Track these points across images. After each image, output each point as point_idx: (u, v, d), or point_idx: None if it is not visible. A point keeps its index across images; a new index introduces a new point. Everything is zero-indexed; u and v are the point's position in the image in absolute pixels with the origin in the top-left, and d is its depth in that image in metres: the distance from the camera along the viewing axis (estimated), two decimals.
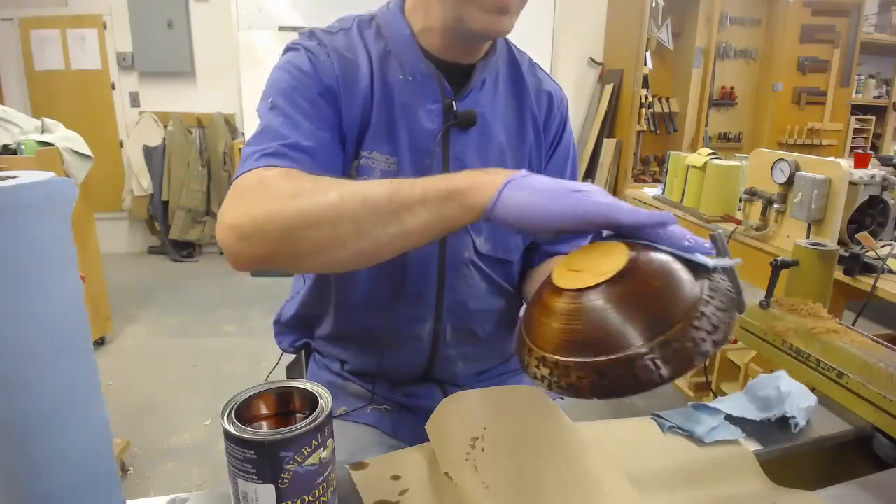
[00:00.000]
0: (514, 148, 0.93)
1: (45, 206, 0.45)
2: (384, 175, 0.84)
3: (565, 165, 1.02)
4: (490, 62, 0.90)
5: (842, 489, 0.65)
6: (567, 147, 1.02)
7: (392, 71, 0.86)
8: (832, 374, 0.74)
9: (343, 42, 0.86)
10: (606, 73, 4.88)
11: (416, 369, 0.96)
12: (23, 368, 0.45)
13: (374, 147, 0.85)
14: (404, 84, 0.85)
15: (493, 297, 0.97)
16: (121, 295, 3.46)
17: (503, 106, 0.93)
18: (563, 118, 1.01)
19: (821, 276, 0.96)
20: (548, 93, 0.98)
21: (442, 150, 0.87)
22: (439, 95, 0.86)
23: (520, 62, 0.97)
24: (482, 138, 0.90)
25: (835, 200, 1.56)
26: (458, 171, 0.77)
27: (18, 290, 0.44)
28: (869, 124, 5.46)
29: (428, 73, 0.86)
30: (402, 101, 0.85)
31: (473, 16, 0.78)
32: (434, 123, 0.86)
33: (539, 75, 0.99)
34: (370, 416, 0.95)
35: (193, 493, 0.62)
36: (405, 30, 0.86)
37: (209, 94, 4.39)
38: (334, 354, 1.00)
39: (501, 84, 0.93)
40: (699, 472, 0.64)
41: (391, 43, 0.86)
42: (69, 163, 2.57)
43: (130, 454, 2.08)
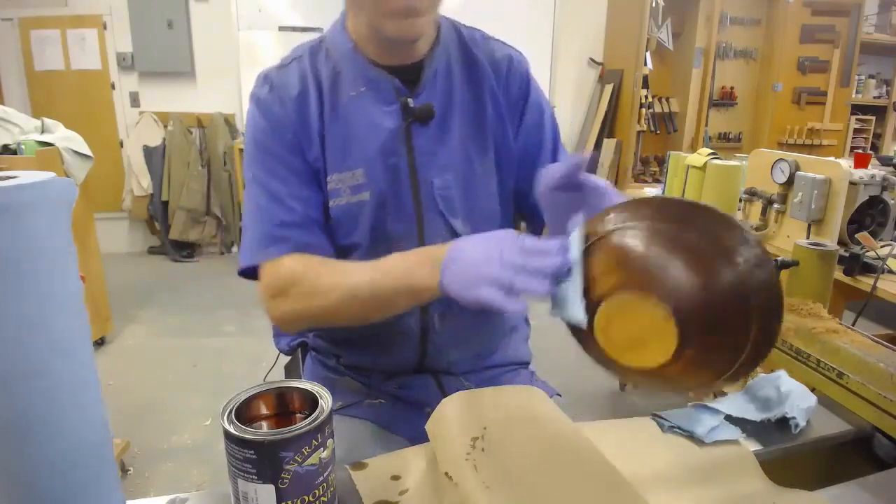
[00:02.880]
0: (472, 135, 0.94)
1: (46, 207, 0.45)
2: (354, 191, 0.88)
3: (542, 127, 0.99)
4: (437, 53, 0.92)
5: (842, 489, 0.65)
6: (538, 105, 0.99)
7: (343, 91, 0.89)
8: (832, 374, 0.74)
9: (295, 75, 0.90)
10: (606, 73, 4.88)
11: (409, 362, 0.97)
12: (23, 368, 0.45)
13: (336, 169, 0.89)
14: (358, 98, 0.89)
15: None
16: (121, 295, 3.46)
17: (460, 91, 0.94)
18: (524, 77, 0.99)
19: (821, 277, 0.96)
20: (501, 59, 0.97)
21: (406, 147, 0.89)
22: (394, 96, 0.89)
23: (469, 42, 0.97)
24: (443, 129, 0.92)
25: (835, 200, 1.56)
26: (424, 163, 0.89)
27: (18, 290, 0.44)
28: (869, 124, 5.46)
29: (378, 77, 0.89)
30: (358, 114, 0.89)
31: (385, 24, 0.80)
32: (394, 123, 0.89)
33: (491, 46, 0.98)
34: (366, 411, 0.96)
35: (193, 493, 0.62)
36: (348, 44, 0.90)
37: (209, 95, 4.38)
38: (330, 350, 1.02)
39: (455, 69, 0.94)
40: (699, 472, 0.64)
41: (340, 62, 0.90)
42: (69, 163, 2.57)
43: (130, 454, 2.08)
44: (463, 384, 1.00)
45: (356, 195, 0.89)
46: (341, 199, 0.89)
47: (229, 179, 4.39)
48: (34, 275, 0.44)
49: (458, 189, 0.92)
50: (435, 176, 0.91)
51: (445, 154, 0.91)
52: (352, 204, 0.89)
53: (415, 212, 0.91)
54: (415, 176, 0.90)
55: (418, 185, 0.90)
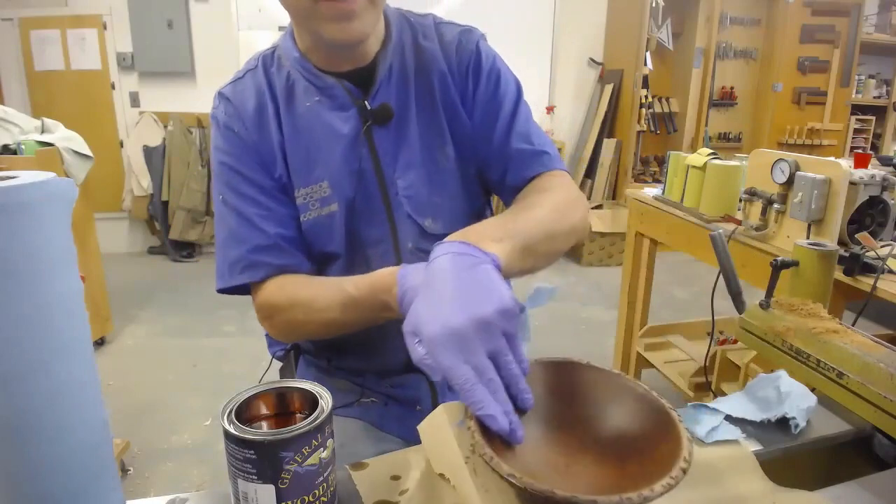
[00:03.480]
0: (429, 130, 0.91)
1: (45, 207, 0.45)
2: (323, 203, 0.87)
3: (497, 99, 0.92)
4: (388, 51, 0.89)
5: (842, 489, 0.65)
6: (492, 74, 0.92)
7: (299, 102, 0.88)
8: (832, 375, 0.74)
9: (251, 88, 0.89)
10: (606, 73, 4.88)
11: (400, 362, 0.96)
12: (22, 368, 0.45)
13: (301, 183, 0.88)
14: (313, 108, 0.87)
15: None
16: (121, 295, 3.46)
17: (415, 84, 0.91)
18: (472, 50, 0.92)
19: (821, 277, 0.96)
20: (450, 41, 0.93)
21: (369, 150, 0.88)
22: (349, 101, 0.87)
23: (420, 31, 0.93)
24: (402, 127, 0.90)
25: (835, 200, 1.55)
26: (388, 164, 0.89)
27: (18, 290, 0.43)
28: (869, 124, 5.46)
29: (329, 84, 0.87)
30: (317, 124, 0.87)
31: (323, 28, 0.77)
32: (353, 128, 0.87)
33: (442, 30, 0.94)
34: (357, 410, 0.97)
35: (193, 494, 0.62)
36: (296, 54, 0.88)
37: (209, 95, 4.32)
38: (321, 353, 1.02)
39: (409, 64, 0.91)
40: (699, 472, 0.64)
41: (292, 71, 0.88)
42: (69, 163, 2.57)
43: (130, 454, 2.08)
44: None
45: (325, 207, 0.88)
46: (311, 212, 0.88)
47: None
48: (34, 275, 0.44)
49: (423, 187, 0.90)
50: (399, 177, 0.89)
51: (407, 153, 0.90)
52: (322, 216, 0.88)
53: (386, 215, 0.90)
54: (382, 179, 0.89)
55: (386, 188, 0.89)
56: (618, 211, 4.46)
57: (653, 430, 0.60)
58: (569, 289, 3.90)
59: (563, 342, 3.14)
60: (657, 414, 0.61)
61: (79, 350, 0.48)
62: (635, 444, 0.62)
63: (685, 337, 2.51)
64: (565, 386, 0.67)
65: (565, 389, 0.67)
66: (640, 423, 0.62)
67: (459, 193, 0.94)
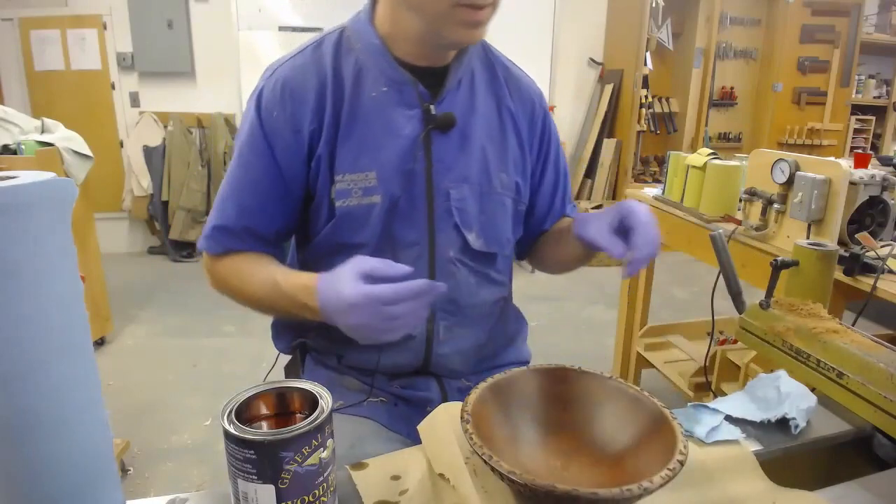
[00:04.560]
0: (496, 148, 0.94)
1: (45, 207, 0.45)
2: (366, 193, 0.87)
3: (558, 161, 1.06)
4: (464, 62, 0.91)
5: (842, 489, 0.65)
6: (556, 141, 1.05)
7: (366, 88, 0.87)
8: (832, 375, 0.74)
9: (312, 68, 0.88)
10: (606, 73, 4.88)
11: (412, 365, 0.97)
12: (22, 368, 0.45)
13: (347, 169, 0.87)
14: (379, 98, 0.87)
15: (483, 290, 0.98)
16: (121, 295, 3.46)
17: (482, 105, 0.94)
18: (546, 114, 1.03)
19: (821, 277, 0.96)
20: (526, 90, 0.99)
21: (424, 154, 0.89)
22: (417, 101, 0.88)
23: (494, 60, 0.98)
24: (463, 140, 0.91)
25: (835, 200, 1.55)
26: (442, 172, 0.90)
27: (18, 290, 0.44)
28: (869, 124, 5.46)
29: (403, 80, 0.87)
30: (378, 115, 0.87)
31: (451, 30, 0.80)
32: (414, 129, 0.88)
33: (516, 73, 1.00)
34: (367, 409, 0.96)
35: (193, 494, 0.62)
36: (376, 40, 0.87)
37: (209, 95, 4.38)
38: (331, 350, 1.01)
39: (478, 83, 0.94)
40: (699, 472, 0.64)
41: (362, 55, 0.88)
42: (69, 163, 2.57)
43: (130, 454, 2.08)
44: (464, 384, 1.00)
45: (367, 197, 0.88)
46: (351, 199, 0.88)
47: None
48: (34, 275, 0.44)
49: (474, 202, 0.92)
50: (452, 187, 0.90)
51: (464, 165, 0.91)
52: (362, 205, 0.88)
53: (427, 220, 0.91)
54: (430, 184, 0.89)
55: (433, 194, 0.90)
56: None
57: (646, 428, 0.61)
58: (569, 289, 3.90)
59: (564, 342, 3.14)
60: (649, 412, 0.62)
61: (79, 350, 0.48)
62: (630, 443, 0.62)
63: (685, 337, 2.51)
64: (559, 391, 0.68)
65: (559, 395, 0.68)
66: (633, 422, 0.63)
67: (507, 220, 0.98)
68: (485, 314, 1.00)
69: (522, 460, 0.62)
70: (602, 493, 0.49)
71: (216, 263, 0.92)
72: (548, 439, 0.66)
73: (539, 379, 0.68)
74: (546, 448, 0.65)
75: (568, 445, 0.65)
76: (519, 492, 0.56)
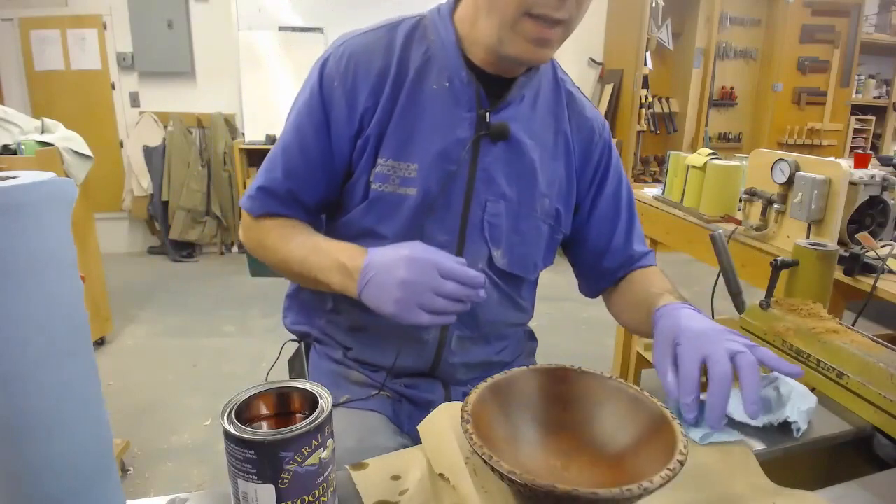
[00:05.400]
0: (544, 171, 0.92)
1: (45, 207, 0.45)
2: (403, 182, 0.86)
3: (619, 196, 1.01)
4: (532, 79, 0.89)
5: (842, 489, 0.65)
6: (618, 173, 1.01)
7: (428, 79, 0.86)
8: (832, 375, 0.74)
9: (382, 46, 0.87)
10: (606, 73, 4.88)
11: (420, 368, 0.96)
12: (22, 369, 0.45)
13: (391, 154, 0.86)
14: (439, 92, 0.86)
15: (504, 310, 0.97)
16: (121, 295, 3.47)
17: (540, 125, 0.92)
18: (607, 145, 0.99)
19: (821, 277, 0.96)
20: (588, 120, 0.97)
21: (470, 159, 0.87)
22: (475, 104, 0.86)
23: (561, 84, 0.95)
24: (512, 153, 0.89)
25: (835, 200, 1.55)
26: (484, 181, 0.89)
27: (18, 290, 0.43)
28: (869, 124, 5.46)
29: (467, 81, 0.85)
30: (433, 109, 0.86)
31: (514, 43, 0.78)
32: (465, 132, 0.86)
33: (580, 99, 0.98)
34: (373, 402, 0.96)
35: (193, 494, 0.62)
36: (451, 36, 0.86)
37: (209, 95, 4.38)
38: (339, 341, 1.00)
39: (541, 103, 0.92)
40: (700, 473, 0.64)
41: (434, 47, 0.86)
42: (69, 163, 2.57)
43: (130, 454, 2.08)
44: (469, 389, 0.99)
45: (404, 187, 0.87)
46: (387, 186, 0.87)
47: (229, 179, 4.39)
48: (34, 275, 0.44)
49: (507, 220, 0.90)
50: (490, 199, 0.89)
51: (506, 181, 0.89)
52: (397, 194, 0.87)
53: (459, 228, 0.89)
54: (471, 191, 0.88)
55: (470, 203, 0.89)
56: None
57: (646, 428, 0.61)
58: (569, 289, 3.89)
59: (564, 342, 3.14)
60: (649, 412, 0.62)
61: (79, 350, 0.48)
62: (630, 443, 0.62)
63: None
64: (559, 391, 0.68)
65: (559, 395, 0.67)
66: (633, 422, 0.63)
67: (539, 245, 0.96)
68: (501, 335, 1.00)
69: (522, 460, 0.62)
70: (602, 493, 0.49)
71: (255, 224, 0.93)
72: (548, 439, 0.66)
73: (539, 379, 0.68)
74: (546, 448, 0.65)
75: (568, 445, 0.65)
76: (519, 492, 0.56)
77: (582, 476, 0.61)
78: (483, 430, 0.58)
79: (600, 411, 0.66)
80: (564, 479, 0.54)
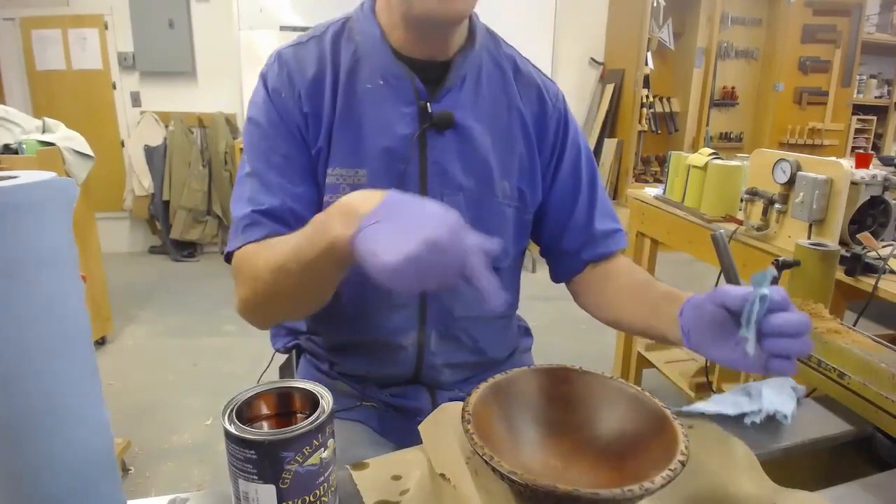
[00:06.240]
0: (500, 153, 0.88)
1: (46, 206, 0.45)
2: (353, 188, 0.81)
3: (578, 169, 0.95)
4: (469, 57, 0.85)
5: (843, 489, 0.65)
6: (576, 145, 0.95)
7: (361, 79, 0.83)
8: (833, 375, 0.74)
9: (313, 54, 0.85)
10: (607, 73, 4.88)
11: (403, 375, 0.94)
12: (23, 369, 0.45)
13: (338, 163, 0.83)
14: (374, 91, 0.83)
15: (479, 303, 0.93)
16: (121, 295, 3.47)
17: (488, 104, 0.87)
18: (562, 115, 0.94)
19: (822, 277, 0.96)
20: (538, 91, 0.92)
21: (419, 154, 0.84)
22: (413, 97, 0.83)
23: (503, 57, 0.91)
24: (462, 142, 0.85)
25: (836, 201, 1.55)
26: (437, 175, 0.82)
27: (19, 290, 0.44)
28: (870, 124, 5.45)
29: (400, 74, 0.82)
30: (371, 110, 0.83)
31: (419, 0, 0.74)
32: (408, 127, 0.83)
33: (528, 71, 0.93)
34: (359, 413, 0.95)
35: (194, 493, 0.63)
36: (376, 30, 0.83)
37: (210, 94, 4.38)
38: (324, 356, 0.99)
39: (485, 81, 0.88)
40: (700, 472, 0.64)
41: (361, 46, 0.84)
42: (70, 162, 2.57)
43: (131, 454, 2.08)
44: (458, 395, 0.96)
45: None
46: (339, 196, 0.80)
47: (230, 179, 4.39)
48: (34, 275, 0.44)
49: (469, 211, 0.85)
50: (446, 193, 0.85)
51: (461, 171, 0.85)
52: None
53: None
54: (424, 188, 0.84)
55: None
56: (619, 211, 4.39)
57: (647, 428, 0.61)
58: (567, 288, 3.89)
59: (564, 342, 3.14)
60: (650, 413, 0.62)
61: (79, 350, 0.48)
62: (631, 444, 0.62)
63: None
64: (560, 392, 0.68)
65: (560, 395, 0.67)
66: (634, 423, 0.63)
67: (507, 231, 0.91)
68: (481, 329, 0.95)
69: (523, 460, 0.62)
70: (603, 494, 0.49)
71: (233, 265, 0.83)
72: (549, 439, 0.66)
73: (540, 379, 0.68)
74: (547, 448, 0.65)
75: (569, 446, 0.65)
76: (519, 492, 0.56)
77: (583, 476, 0.61)
78: (484, 430, 0.58)
79: (601, 411, 0.66)
80: (565, 480, 0.54)
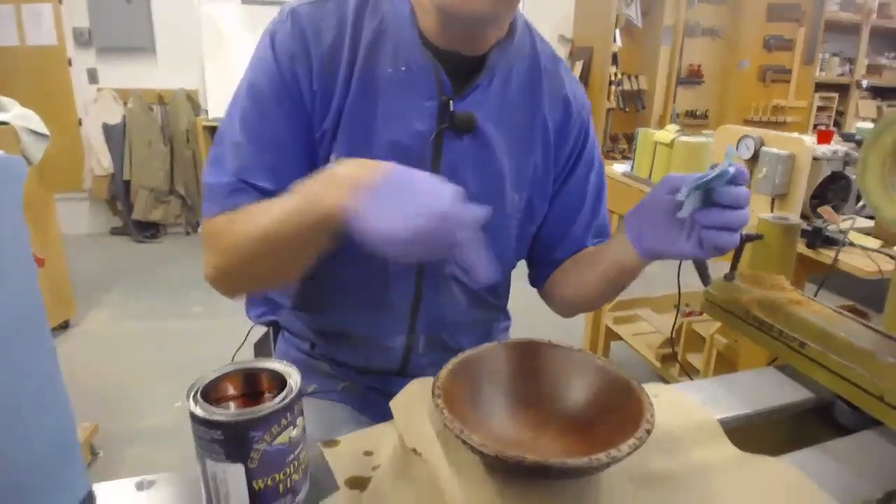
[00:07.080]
0: (516, 163, 0.82)
1: None
2: None
3: (586, 183, 0.91)
4: (506, 53, 0.78)
5: (804, 454, 0.67)
6: (590, 160, 0.91)
7: (381, 60, 0.74)
8: (794, 344, 0.76)
9: (333, 18, 0.74)
10: (576, 50, 4.87)
11: (386, 366, 0.93)
12: None
13: (344, 152, 0.75)
14: (394, 77, 0.74)
15: (472, 310, 0.92)
16: (84, 277, 3.38)
17: (511, 108, 0.81)
18: (584, 127, 0.89)
19: (784, 250, 0.98)
20: (565, 97, 0.87)
21: (433, 156, 0.77)
22: (436, 90, 0.75)
23: (540, 56, 0.85)
24: (480, 148, 0.79)
25: (798, 176, 1.59)
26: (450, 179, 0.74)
27: None
28: (832, 102, 5.56)
29: (424, 63, 0.74)
30: (388, 97, 0.75)
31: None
32: (425, 123, 0.75)
33: (561, 74, 0.87)
34: (340, 395, 0.94)
35: (161, 475, 0.62)
36: (405, 7, 0.74)
37: (170, 71, 4.26)
38: (307, 335, 0.96)
39: (515, 82, 0.81)
40: (665, 440, 0.65)
41: (387, 20, 0.74)
42: (26, 143, 2.47)
43: (100, 438, 2.05)
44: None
45: None
46: None
47: (193, 157, 4.29)
48: None
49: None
50: None
51: (473, 180, 0.78)
52: None
53: None
54: None
55: None
56: None
57: (614, 399, 0.62)
58: None
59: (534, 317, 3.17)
60: (617, 383, 0.63)
61: (35, 333, 0.47)
62: (599, 414, 0.63)
63: (653, 310, 2.56)
64: (529, 365, 0.68)
65: (529, 368, 0.68)
66: (601, 394, 0.64)
67: (510, 243, 0.88)
68: (469, 333, 0.94)
69: (494, 432, 0.63)
70: (571, 463, 0.50)
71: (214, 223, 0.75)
72: (518, 412, 0.66)
73: (509, 353, 0.68)
74: (517, 420, 0.66)
75: (538, 417, 0.66)
76: (490, 464, 0.56)
77: (552, 447, 0.62)
78: (454, 405, 0.58)
79: (570, 384, 0.67)
80: (535, 451, 0.55)
